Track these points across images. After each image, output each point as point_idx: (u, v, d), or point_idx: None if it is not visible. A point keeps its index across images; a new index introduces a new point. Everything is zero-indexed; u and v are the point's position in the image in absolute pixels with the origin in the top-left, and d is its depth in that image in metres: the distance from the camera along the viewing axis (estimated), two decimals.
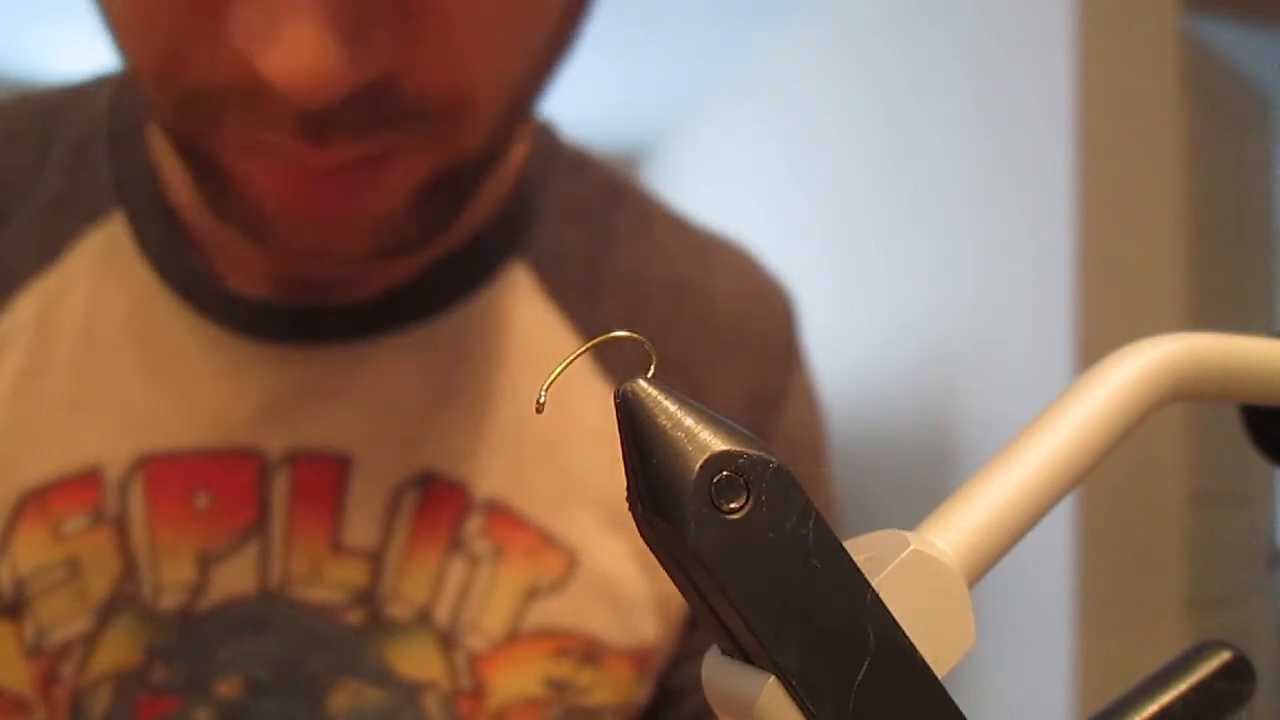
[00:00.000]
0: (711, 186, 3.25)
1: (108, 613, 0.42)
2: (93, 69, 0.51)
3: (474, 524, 0.45)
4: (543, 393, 0.16)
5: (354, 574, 0.44)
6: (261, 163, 0.36)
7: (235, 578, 0.43)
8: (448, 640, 0.45)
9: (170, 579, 0.43)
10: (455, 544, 0.45)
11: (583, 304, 0.49)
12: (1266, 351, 0.19)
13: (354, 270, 0.46)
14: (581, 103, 2.84)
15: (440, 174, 0.38)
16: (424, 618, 0.45)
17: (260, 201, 0.37)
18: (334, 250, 0.39)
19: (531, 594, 0.46)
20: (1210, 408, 1.62)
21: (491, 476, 0.46)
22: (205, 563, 0.43)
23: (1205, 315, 1.78)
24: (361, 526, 0.44)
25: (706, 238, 0.56)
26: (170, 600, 0.43)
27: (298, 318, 0.45)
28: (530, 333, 0.48)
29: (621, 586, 0.47)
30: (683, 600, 0.16)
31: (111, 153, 0.46)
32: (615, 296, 0.50)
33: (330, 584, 0.44)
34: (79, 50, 0.55)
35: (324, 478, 0.44)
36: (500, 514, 0.46)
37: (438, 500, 0.45)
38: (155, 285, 0.44)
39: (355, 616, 0.44)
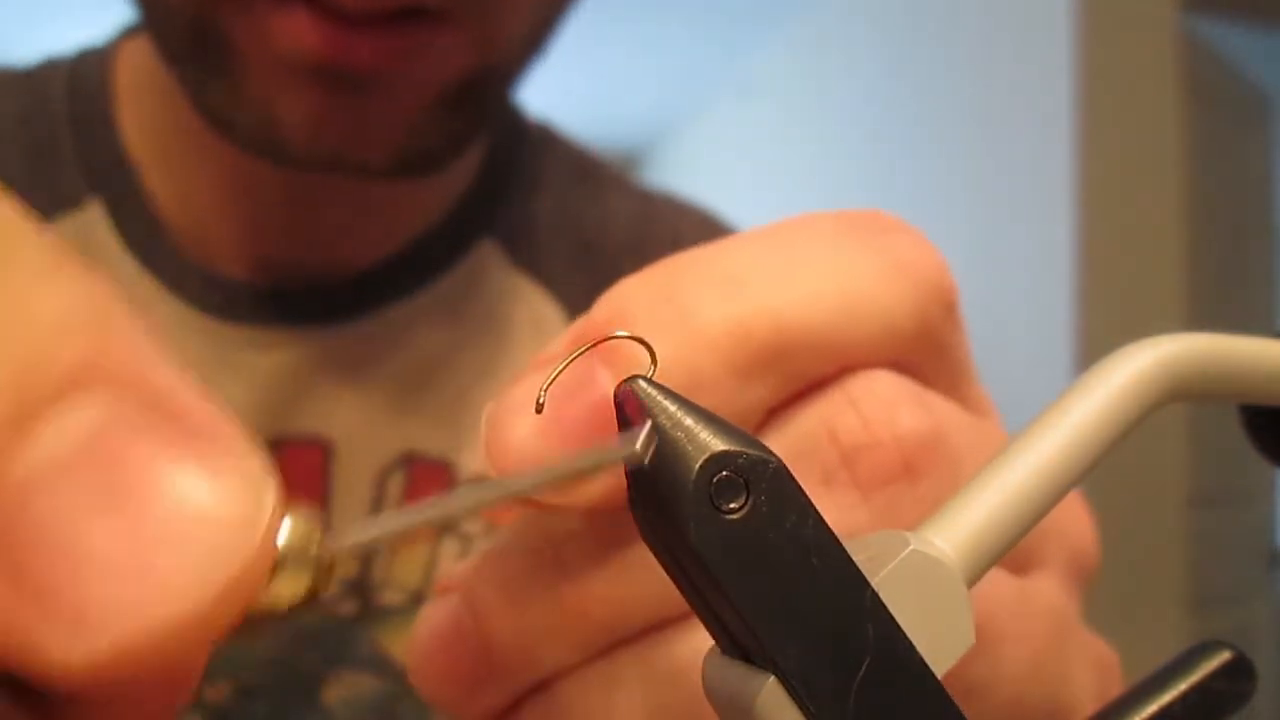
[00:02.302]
0: (710, 186, 3.25)
1: None
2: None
3: None
4: (542, 393, 0.16)
5: (343, 564, 0.44)
6: (286, 19, 0.36)
7: None
8: None
9: None
10: (445, 525, 0.45)
11: (553, 272, 0.50)
12: (1266, 351, 0.19)
13: (339, 237, 0.46)
14: (582, 101, 2.84)
15: (470, 75, 0.39)
16: (418, 603, 0.44)
17: (273, 95, 0.37)
18: (350, 157, 0.39)
19: None
20: (1210, 408, 1.62)
21: (476, 453, 0.46)
22: None
23: (1205, 315, 1.78)
24: (348, 513, 0.44)
25: (669, 202, 0.57)
26: None
27: (278, 301, 0.45)
28: (505, 305, 0.48)
29: None
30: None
31: (75, 138, 0.45)
32: (583, 263, 0.51)
33: None
34: (77, 44, 0.55)
35: (308, 465, 0.44)
36: None
37: (424, 481, 0.45)
38: (137, 272, 0.44)
39: (348, 608, 0.44)
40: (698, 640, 0.18)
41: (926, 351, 0.20)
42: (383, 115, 0.38)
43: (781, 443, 0.17)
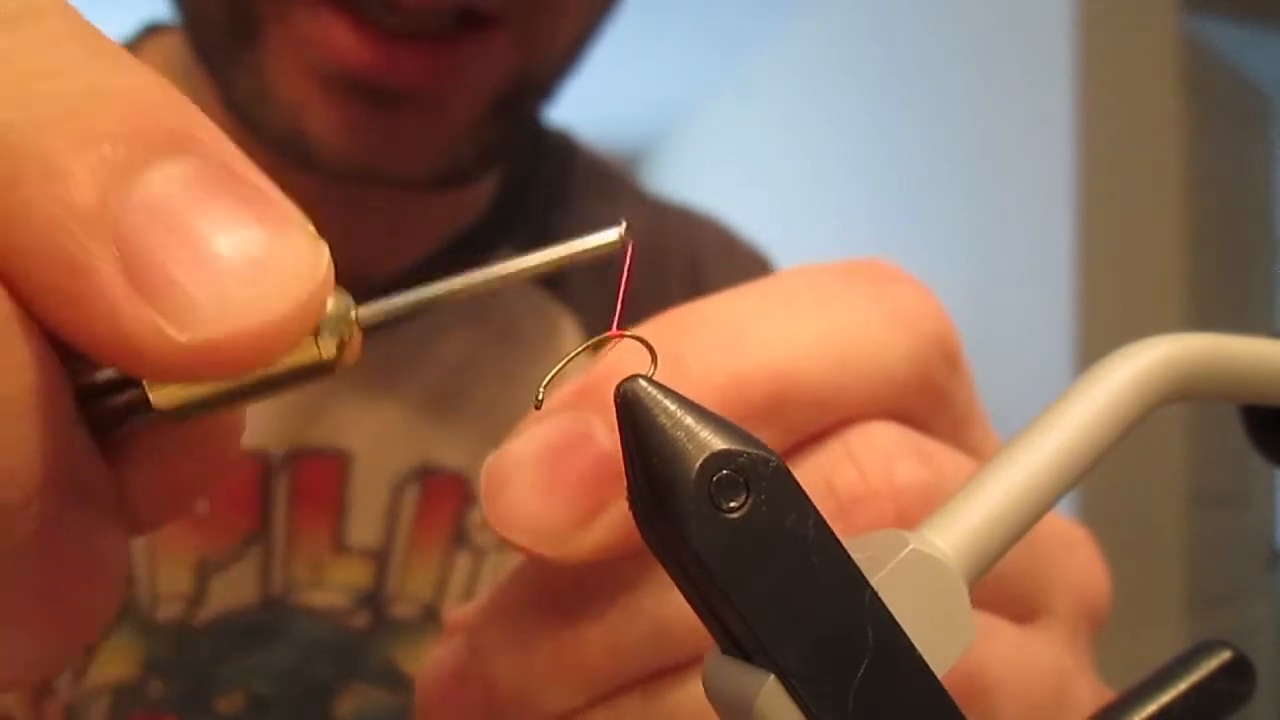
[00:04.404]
0: (710, 186, 3.25)
1: None
2: None
3: (477, 516, 0.45)
4: (540, 391, 0.16)
5: (357, 575, 0.44)
6: (327, 28, 0.35)
7: (236, 587, 0.42)
8: None
9: (168, 589, 0.42)
10: (458, 537, 0.45)
11: (570, 286, 0.49)
12: (1266, 351, 0.19)
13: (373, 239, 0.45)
14: (582, 101, 2.84)
15: (512, 85, 0.38)
16: (430, 615, 0.44)
17: (303, 101, 0.36)
18: (382, 169, 0.38)
19: None
20: (1210, 408, 1.62)
21: None
22: (204, 572, 0.42)
23: (1205, 315, 1.78)
24: (364, 524, 0.44)
25: (688, 215, 0.57)
26: (168, 611, 0.42)
27: None
28: (523, 318, 0.48)
29: None
30: None
31: None
32: (600, 277, 0.50)
33: (334, 586, 0.43)
34: None
35: (325, 476, 0.44)
36: None
37: (439, 493, 0.45)
38: None
39: (360, 620, 0.44)
40: (698, 688, 0.18)
41: (927, 400, 0.21)
42: (421, 130, 0.38)
43: None
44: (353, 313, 0.15)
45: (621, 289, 0.17)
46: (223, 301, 0.12)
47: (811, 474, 0.19)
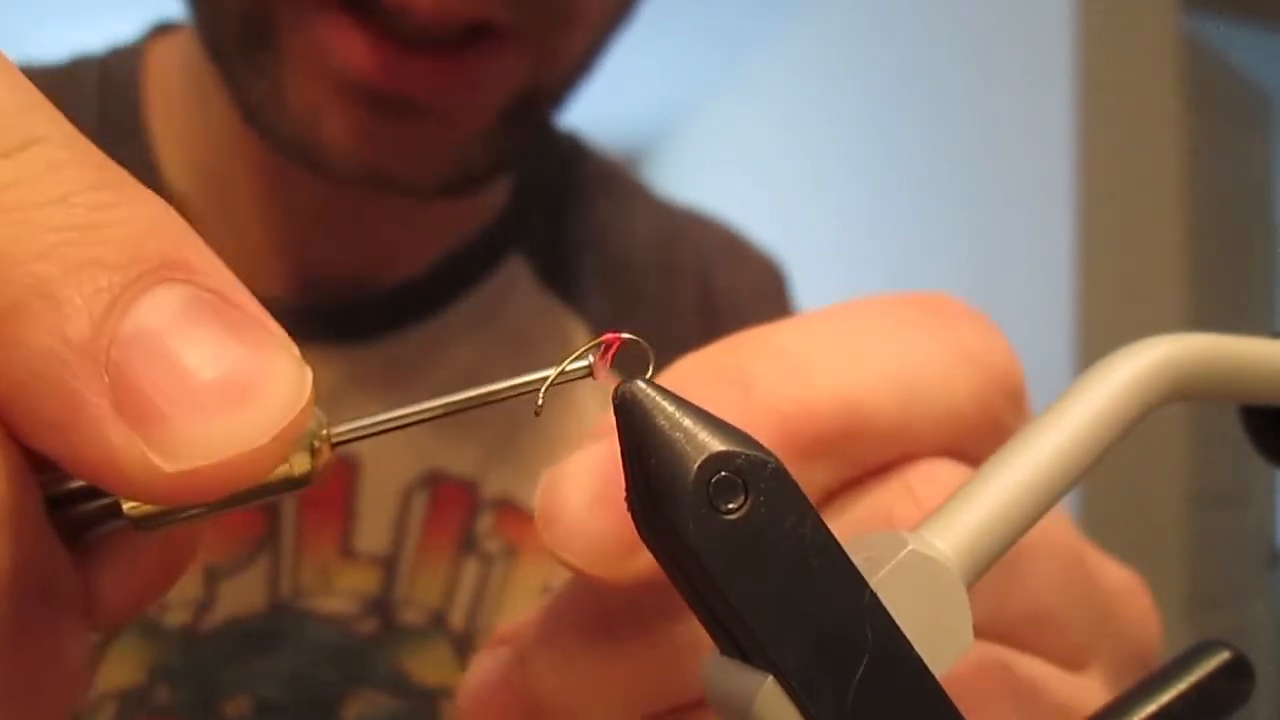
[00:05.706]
0: (711, 185, 3.25)
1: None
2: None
3: (485, 523, 0.45)
4: (540, 396, 0.16)
5: (365, 581, 0.43)
6: (341, 35, 0.35)
7: (244, 593, 0.42)
8: (463, 644, 0.44)
9: (175, 595, 0.42)
10: (467, 544, 0.45)
11: (579, 291, 0.49)
12: (1266, 351, 0.19)
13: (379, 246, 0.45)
14: (582, 100, 2.83)
15: (523, 96, 0.38)
16: (438, 622, 0.44)
17: (318, 106, 0.36)
18: (393, 176, 0.38)
19: (546, 592, 0.45)
20: (1210, 408, 1.62)
21: (499, 473, 0.45)
22: (212, 578, 0.42)
23: (1205, 315, 1.78)
24: (372, 531, 0.44)
25: (697, 220, 0.57)
26: (175, 618, 0.42)
27: (309, 319, 0.44)
28: (531, 323, 0.48)
29: None
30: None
31: (106, 141, 0.44)
32: (609, 282, 0.50)
33: (342, 593, 0.43)
34: (85, 42, 0.54)
35: (333, 482, 0.43)
36: (510, 511, 0.45)
37: (447, 500, 0.45)
38: None
39: (368, 626, 0.43)
40: None
41: (989, 439, 0.20)
42: (433, 138, 0.38)
43: (837, 528, 0.18)
44: (325, 430, 0.16)
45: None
46: (208, 432, 0.13)
47: (872, 509, 0.19)
